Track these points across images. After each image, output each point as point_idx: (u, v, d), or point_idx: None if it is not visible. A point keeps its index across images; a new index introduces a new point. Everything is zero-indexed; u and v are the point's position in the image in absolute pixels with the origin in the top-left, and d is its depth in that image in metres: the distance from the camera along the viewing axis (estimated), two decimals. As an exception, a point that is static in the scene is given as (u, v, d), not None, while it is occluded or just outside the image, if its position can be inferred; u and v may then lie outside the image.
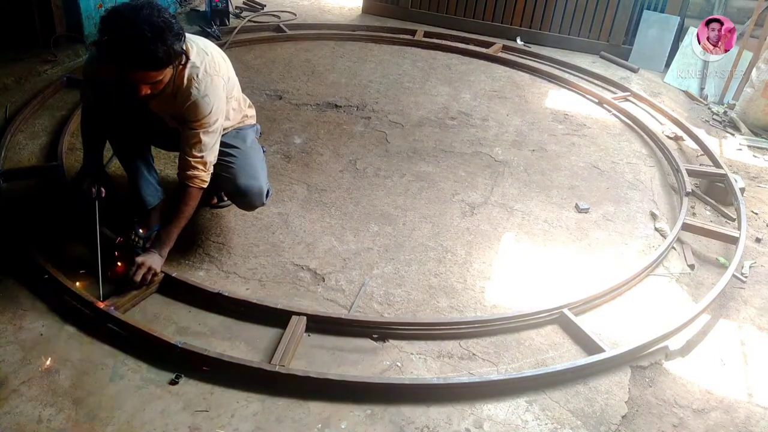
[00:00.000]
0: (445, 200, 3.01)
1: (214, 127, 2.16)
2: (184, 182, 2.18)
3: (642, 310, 2.43)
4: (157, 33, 1.86)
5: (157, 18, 1.87)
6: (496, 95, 4.25)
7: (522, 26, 5.46)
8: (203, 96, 2.09)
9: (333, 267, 2.48)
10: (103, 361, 1.94)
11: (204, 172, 2.19)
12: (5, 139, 3.01)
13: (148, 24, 1.85)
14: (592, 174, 3.39)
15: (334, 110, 3.80)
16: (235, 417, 1.81)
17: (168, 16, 1.92)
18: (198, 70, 2.09)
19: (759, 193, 3.47)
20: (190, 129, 2.14)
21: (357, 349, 2.10)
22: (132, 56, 1.87)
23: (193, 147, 2.15)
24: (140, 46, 1.84)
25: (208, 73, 2.12)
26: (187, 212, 2.22)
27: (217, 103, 2.15)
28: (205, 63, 2.12)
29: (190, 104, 2.09)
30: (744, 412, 2.06)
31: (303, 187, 2.98)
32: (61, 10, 4.07)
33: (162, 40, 1.87)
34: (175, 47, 1.93)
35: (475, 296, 2.41)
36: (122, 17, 1.87)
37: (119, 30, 1.86)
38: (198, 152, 2.15)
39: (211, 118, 2.13)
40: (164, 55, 1.89)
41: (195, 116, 2.11)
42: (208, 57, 2.15)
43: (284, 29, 5.00)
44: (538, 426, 1.89)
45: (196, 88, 2.08)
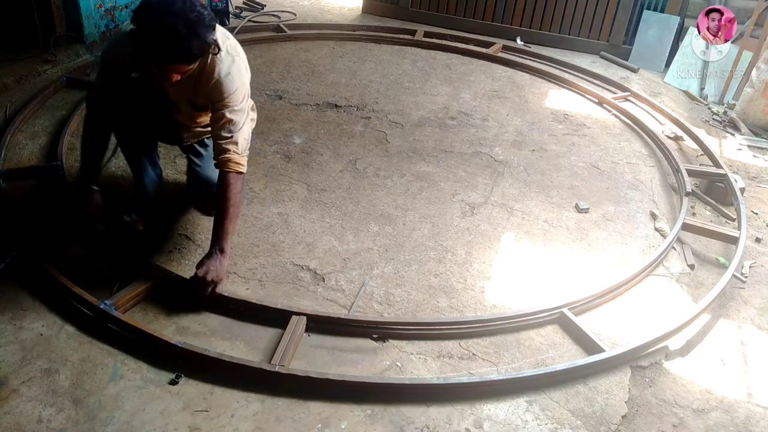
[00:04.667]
0: (445, 200, 3.01)
1: (241, 106, 2.16)
2: (222, 169, 2.16)
3: (642, 310, 2.43)
4: (191, 28, 1.85)
5: (190, 12, 1.86)
6: (496, 95, 4.25)
7: (522, 26, 5.46)
8: (226, 75, 2.10)
9: (333, 267, 2.48)
10: (103, 361, 1.94)
11: (237, 153, 2.15)
12: (5, 139, 3.01)
13: (182, 19, 1.84)
14: (592, 174, 3.39)
15: (334, 110, 3.80)
16: (235, 417, 1.81)
17: (200, 9, 1.90)
18: (221, 52, 2.09)
19: (759, 193, 3.47)
20: (217, 110, 2.14)
21: (357, 349, 2.10)
22: (167, 52, 1.87)
23: (222, 128, 2.13)
24: (175, 42, 1.84)
25: (230, 53, 2.14)
26: (233, 200, 2.14)
27: (241, 81, 2.15)
28: (227, 45, 2.14)
29: (213, 83, 2.10)
30: (744, 412, 2.05)
31: (303, 187, 2.98)
32: (61, 10, 4.07)
33: (196, 34, 1.87)
34: (209, 40, 1.93)
35: (475, 296, 2.41)
36: (155, 12, 1.85)
37: (153, 25, 1.84)
38: (227, 132, 2.13)
39: (236, 96, 2.13)
40: (198, 49, 1.90)
41: (220, 95, 2.11)
42: (230, 41, 2.17)
43: (284, 29, 5.00)
44: (538, 426, 1.89)
45: (219, 67, 2.09)
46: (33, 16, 4.00)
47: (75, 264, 2.28)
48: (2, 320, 2.04)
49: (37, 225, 2.47)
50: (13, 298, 2.14)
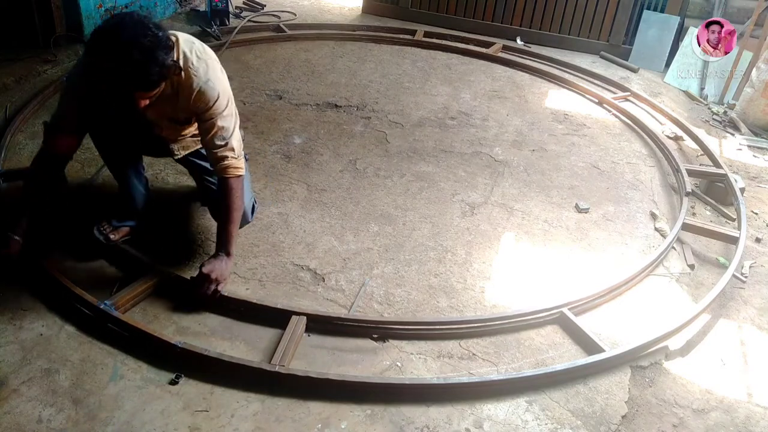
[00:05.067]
0: (445, 200, 3.01)
1: (228, 110, 2.13)
2: (221, 176, 2.15)
3: (642, 310, 2.43)
4: (147, 55, 1.79)
5: (143, 38, 1.79)
6: (496, 95, 4.25)
7: (522, 26, 5.46)
8: (206, 81, 2.05)
9: (333, 267, 2.48)
10: (103, 361, 1.94)
11: (235, 158, 2.14)
12: (5, 139, 3.01)
13: (137, 48, 1.78)
14: (592, 174, 3.39)
15: (334, 110, 3.80)
16: (235, 417, 1.81)
17: (155, 30, 1.83)
18: (190, 60, 2.03)
19: (759, 193, 3.47)
20: (204, 121, 2.11)
21: (357, 349, 2.10)
22: (125, 81, 1.82)
23: (214, 137, 2.11)
24: (132, 70, 1.80)
25: (201, 58, 2.06)
26: (235, 204, 2.16)
27: (221, 84, 2.11)
28: (195, 50, 2.06)
29: (195, 94, 2.05)
30: (744, 412, 2.06)
31: (303, 187, 2.98)
32: (61, 10, 4.07)
33: (154, 60, 1.81)
34: (168, 63, 1.88)
35: (475, 296, 2.41)
36: (109, 42, 1.79)
37: (108, 56, 1.79)
38: (220, 141, 2.12)
39: (221, 102, 2.09)
40: (158, 75, 1.85)
41: (205, 104, 2.07)
42: (196, 45, 2.09)
43: (284, 29, 5.00)
44: (538, 426, 1.89)
45: (195, 76, 2.04)
46: (33, 16, 4.00)
47: (75, 264, 2.28)
48: (2, 320, 2.05)
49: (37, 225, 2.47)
50: (13, 298, 2.14)
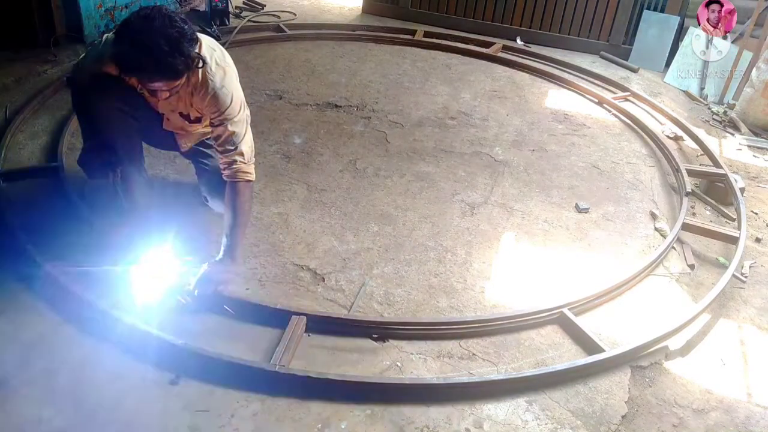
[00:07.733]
0: (445, 200, 3.01)
1: (240, 116, 2.19)
2: (230, 180, 2.19)
3: (642, 310, 2.43)
4: (173, 45, 1.87)
5: (171, 29, 1.88)
6: (496, 95, 4.25)
7: (522, 26, 5.45)
8: (220, 87, 2.13)
9: (333, 267, 2.48)
10: (103, 361, 1.94)
11: (244, 163, 2.19)
12: (5, 139, 3.00)
13: (163, 37, 1.85)
14: (592, 174, 3.39)
15: (334, 110, 3.80)
16: (235, 417, 1.81)
17: (180, 24, 1.92)
18: (209, 65, 2.12)
19: (759, 193, 3.47)
20: (217, 124, 2.17)
21: (357, 349, 2.10)
22: (152, 70, 1.89)
23: (226, 141, 2.17)
24: (158, 60, 1.86)
25: (219, 65, 2.15)
26: (242, 208, 2.20)
27: (236, 92, 2.18)
28: (215, 57, 2.15)
29: (210, 98, 2.13)
30: (744, 412, 2.05)
31: (303, 187, 2.98)
32: (61, 10, 4.06)
33: (179, 51, 1.89)
34: (192, 54, 1.96)
35: (475, 296, 2.41)
36: (135, 31, 1.87)
37: (134, 46, 1.85)
38: (231, 145, 2.17)
39: (234, 108, 2.16)
40: (183, 65, 1.92)
41: (217, 109, 2.14)
42: (216, 52, 2.18)
43: (284, 29, 4.99)
44: (538, 426, 1.89)
45: (212, 81, 2.12)
46: (33, 16, 3.99)
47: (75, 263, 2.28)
48: (2, 320, 2.04)
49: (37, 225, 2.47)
50: (14, 298, 2.14)
